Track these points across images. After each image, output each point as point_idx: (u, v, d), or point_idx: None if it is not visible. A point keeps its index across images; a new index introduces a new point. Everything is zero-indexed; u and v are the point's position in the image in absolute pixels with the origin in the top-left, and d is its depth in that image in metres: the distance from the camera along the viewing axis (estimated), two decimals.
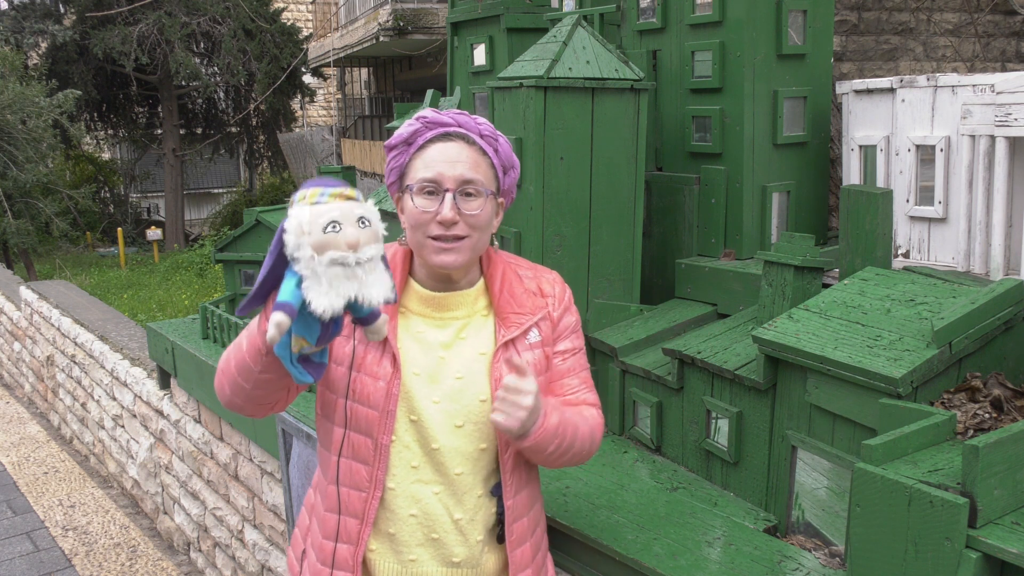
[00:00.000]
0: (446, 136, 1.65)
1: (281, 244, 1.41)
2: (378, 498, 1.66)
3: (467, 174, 1.61)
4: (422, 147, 1.65)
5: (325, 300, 1.37)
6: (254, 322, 1.54)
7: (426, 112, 1.68)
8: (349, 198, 1.42)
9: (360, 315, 1.45)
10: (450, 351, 1.68)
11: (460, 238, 1.62)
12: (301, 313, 1.39)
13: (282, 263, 1.43)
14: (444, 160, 1.61)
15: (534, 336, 1.72)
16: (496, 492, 1.70)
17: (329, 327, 1.45)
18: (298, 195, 1.43)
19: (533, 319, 1.71)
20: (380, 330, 1.48)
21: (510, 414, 1.54)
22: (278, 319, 1.35)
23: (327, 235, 1.37)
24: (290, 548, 1.88)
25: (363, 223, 1.40)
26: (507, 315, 1.70)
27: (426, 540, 1.68)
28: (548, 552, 1.89)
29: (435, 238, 1.61)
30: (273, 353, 1.46)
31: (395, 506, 1.67)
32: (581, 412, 1.73)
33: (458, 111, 1.69)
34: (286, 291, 1.38)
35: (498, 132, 1.71)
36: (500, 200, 1.72)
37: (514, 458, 1.70)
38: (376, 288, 1.41)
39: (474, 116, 1.69)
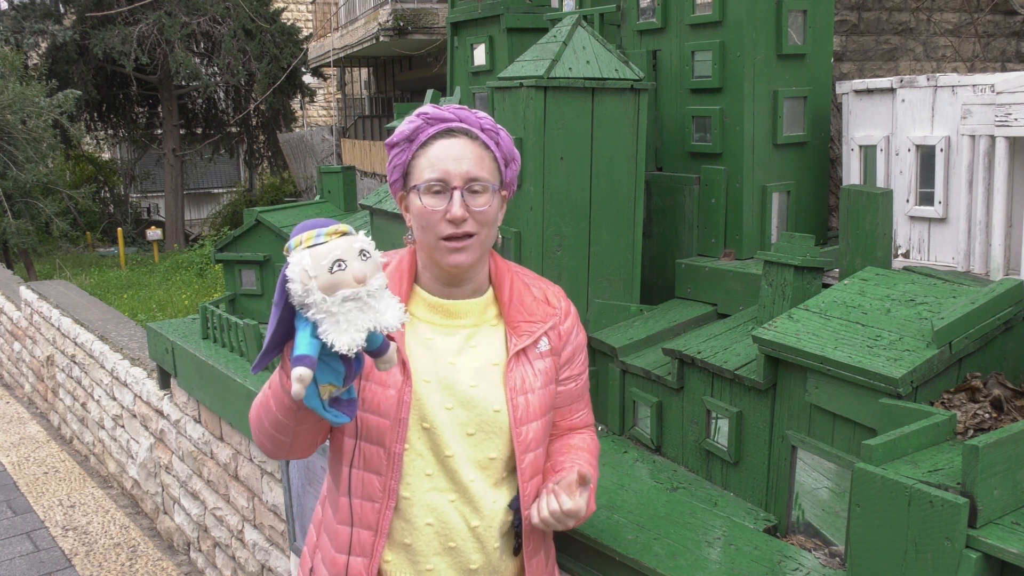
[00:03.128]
0: (449, 132, 1.64)
1: (286, 294, 1.40)
2: (391, 508, 1.64)
3: (473, 171, 1.61)
4: (425, 144, 1.64)
5: (347, 337, 1.36)
6: (274, 379, 1.53)
7: (426, 108, 1.67)
8: (345, 233, 1.42)
9: (373, 347, 1.44)
10: (460, 358, 1.67)
11: (470, 235, 1.61)
12: (322, 359, 1.38)
13: (289, 313, 1.42)
14: (449, 157, 1.61)
15: (544, 345, 1.72)
16: (515, 505, 1.70)
17: (352, 365, 1.44)
18: (293, 241, 1.42)
19: (544, 327, 1.71)
20: (391, 359, 1.48)
21: (551, 525, 1.61)
22: (299, 373, 1.33)
23: (334, 275, 1.36)
24: (298, 569, 1.86)
25: (364, 255, 1.40)
26: (518, 324, 1.69)
27: (443, 549, 1.66)
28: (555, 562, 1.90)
29: (446, 238, 1.61)
30: (305, 406, 1.46)
31: (411, 515, 1.65)
32: (588, 445, 1.80)
33: (458, 106, 1.68)
34: (302, 343, 1.37)
35: (498, 125, 1.70)
36: (503, 193, 1.71)
37: (532, 468, 1.69)
38: (390, 313, 1.41)
39: (474, 110, 1.69)
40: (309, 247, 1.39)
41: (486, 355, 1.68)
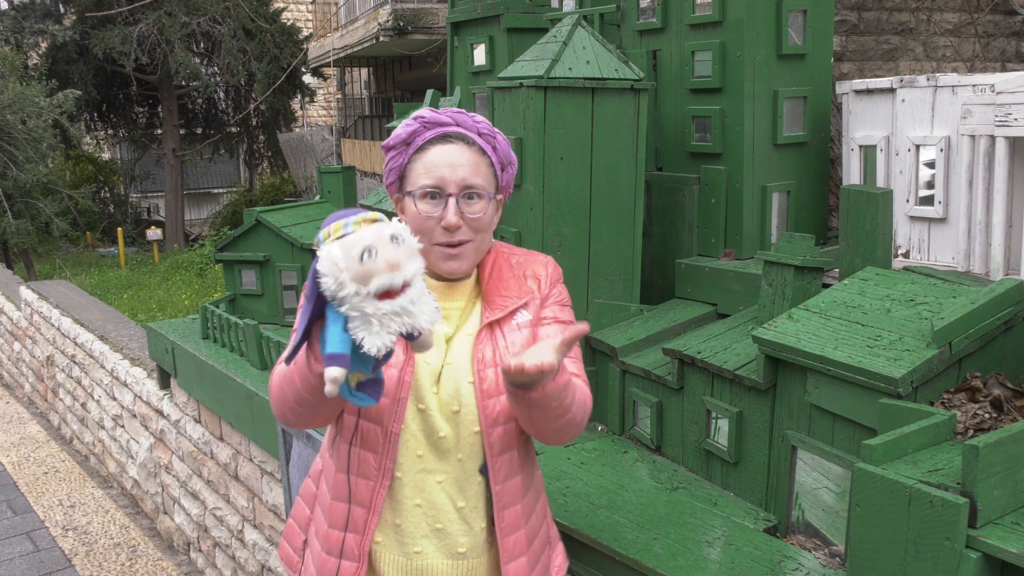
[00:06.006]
0: (445, 138, 1.64)
1: (317, 287, 1.36)
2: (386, 487, 1.67)
3: (469, 178, 1.62)
4: (421, 148, 1.65)
5: (377, 340, 1.34)
6: (301, 358, 1.50)
7: (423, 112, 1.67)
8: (374, 221, 1.38)
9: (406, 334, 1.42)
10: (450, 341, 1.70)
11: (464, 242, 1.63)
12: (353, 352, 1.35)
13: (321, 305, 1.38)
14: (446, 164, 1.61)
15: (522, 317, 1.70)
16: (484, 472, 1.69)
17: (383, 356, 1.42)
18: (322, 234, 1.39)
19: (519, 302, 1.70)
20: (427, 343, 1.45)
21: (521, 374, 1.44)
22: (333, 374, 1.31)
23: (364, 264, 1.32)
24: (284, 540, 1.87)
25: (396, 241, 1.36)
26: (493, 298, 1.70)
27: (431, 531, 1.68)
28: (558, 546, 1.87)
29: (441, 244, 1.62)
30: None
31: (401, 496, 1.68)
32: (572, 380, 1.66)
33: (455, 110, 1.69)
34: (334, 339, 1.34)
35: (495, 129, 1.71)
36: (499, 197, 1.72)
37: (501, 442, 1.68)
38: (423, 316, 1.38)
39: (472, 114, 1.69)
40: (338, 238, 1.36)
41: (464, 329, 1.70)
